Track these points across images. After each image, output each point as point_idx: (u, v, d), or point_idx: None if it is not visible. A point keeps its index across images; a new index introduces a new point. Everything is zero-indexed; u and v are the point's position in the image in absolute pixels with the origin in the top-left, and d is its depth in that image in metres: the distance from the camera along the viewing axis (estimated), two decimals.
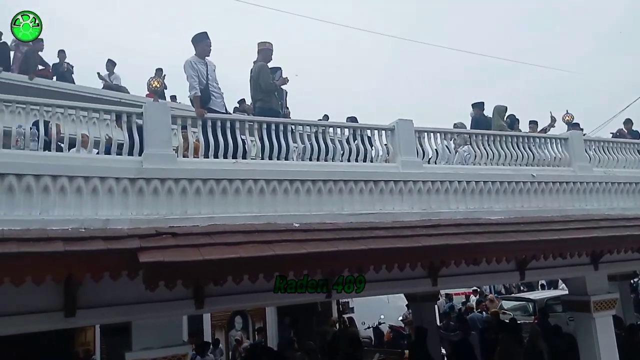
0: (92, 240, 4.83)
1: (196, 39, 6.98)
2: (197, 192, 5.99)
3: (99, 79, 12.26)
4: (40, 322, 5.24)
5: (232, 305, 6.88)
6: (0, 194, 5.05)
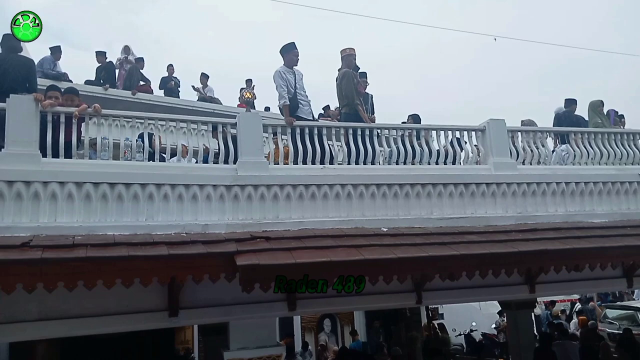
0: (193, 244, 5.13)
1: (285, 50, 7.21)
2: (287, 198, 6.17)
3: (194, 92, 13.01)
4: (147, 321, 5.65)
5: (322, 308, 7.00)
6: (111, 201, 5.49)
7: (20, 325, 5.15)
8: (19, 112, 5.35)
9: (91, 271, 4.57)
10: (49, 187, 5.22)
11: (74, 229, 5.18)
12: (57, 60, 10.74)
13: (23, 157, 5.21)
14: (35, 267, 4.46)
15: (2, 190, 5.05)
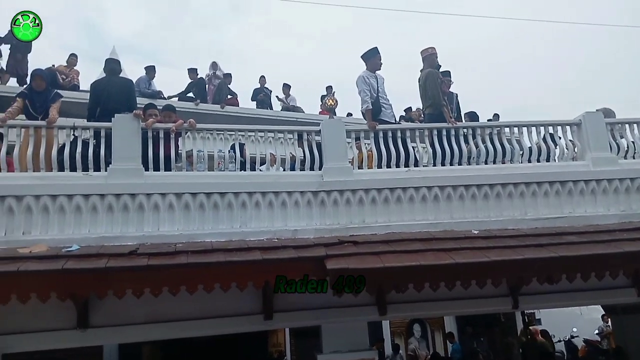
0: (285, 249, 5.29)
1: (367, 55, 7.26)
2: (373, 202, 6.18)
3: (277, 101, 13.41)
4: (243, 324, 5.88)
5: (413, 312, 6.92)
6: (208, 210, 5.80)
7: (130, 327, 5.56)
8: (123, 130, 5.80)
9: (192, 276, 4.85)
10: (151, 198, 5.61)
11: (175, 237, 5.52)
12: (151, 79, 11.52)
13: (128, 171, 5.65)
14: (142, 274, 4.81)
15: (111, 203, 5.50)
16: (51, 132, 5.81)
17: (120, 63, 7.14)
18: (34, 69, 6.50)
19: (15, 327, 5.13)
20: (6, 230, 5.20)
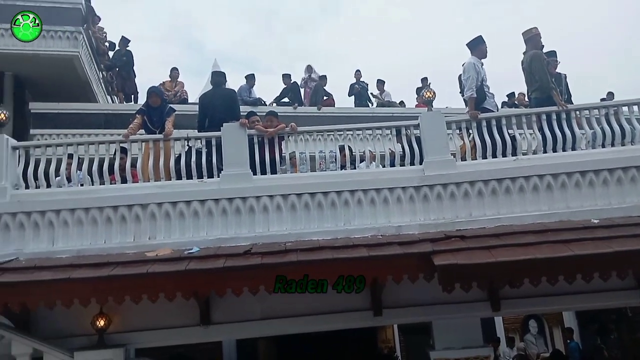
0: (390, 246, 5.30)
1: (473, 43, 7.09)
2: (479, 194, 5.99)
3: (372, 98, 13.40)
4: (353, 320, 5.98)
5: (529, 308, 6.60)
6: (313, 209, 5.96)
7: (247, 324, 5.89)
8: (231, 138, 6.14)
9: (304, 273, 5.01)
10: (261, 201, 5.88)
11: (284, 236, 5.75)
12: (251, 87, 12.05)
13: (238, 176, 5.97)
14: (256, 272, 5.07)
15: (224, 207, 5.84)
16: (168, 144, 6.30)
17: (224, 75, 7.54)
18: (150, 87, 7.08)
19: (146, 324, 5.63)
20: (134, 236, 5.72)
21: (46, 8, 10.05)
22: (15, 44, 9.63)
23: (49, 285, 4.84)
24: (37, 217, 5.59)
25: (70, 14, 10.15)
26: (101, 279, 4.88)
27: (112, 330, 5.46)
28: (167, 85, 11.81)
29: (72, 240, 5.57)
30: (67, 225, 5.61)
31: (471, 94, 6.74)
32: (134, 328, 5.59)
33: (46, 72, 10.25)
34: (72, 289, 4.87)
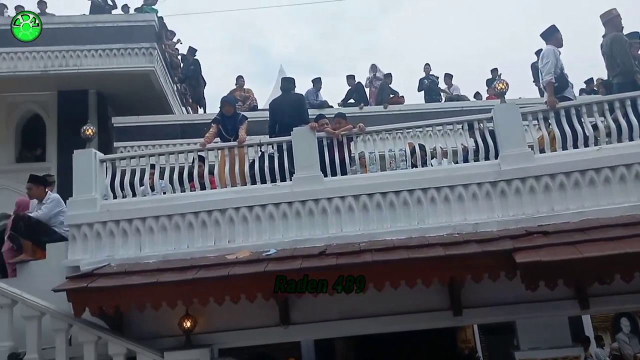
0: (467, 244, 5.17)
1: (548, 33, 6.88)
2: (561, 187, 5.72)
3: (440, 93, 13.13)
4: (432, 320, 5.89)
5: (621, 306, 6.22)
6: (385, 209, 5.93)
7: (325, 324, 5.94)
8: (301, 141, 6.24)
9: (379, 274, 5.02)
10: (333, 202, 5.93)
11: (358, 236, 5.76)
12: (318, 91, 12.16)
13: (310, 179, 6.05)
14: (334, 272, 5.12)
15: (298, 209, 5.95)
16: (242, 151, 6.51)
17: (293, 80, 7.68)
18: (223, 97, 7.36)
19: (230, 325, 5.82)
20: (215, 240, 5.95)
21: (122, 27, 10.73)
22: (97, 63, 10.37)
23: (139, 289, 5.15)
24: (125, 225, 5.95)
25: (144, 31, 10.74)
26: (186, 281, 5.12)
27: (197, 331, 5.69)
28: (236, 94, 12.18)
29: (158, 246, 5.88)
30: (152, 232, 5.93)
31: (550, 78, 6.45)
32: (218, 329, 5.79)
33: (125, 88, 10.89)
34: (160, 292, 5.15)
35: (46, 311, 5.36)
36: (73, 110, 10.73)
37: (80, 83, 10.65)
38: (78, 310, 5.12)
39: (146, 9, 12.02)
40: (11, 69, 10.22)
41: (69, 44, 10.33)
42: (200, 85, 13.18)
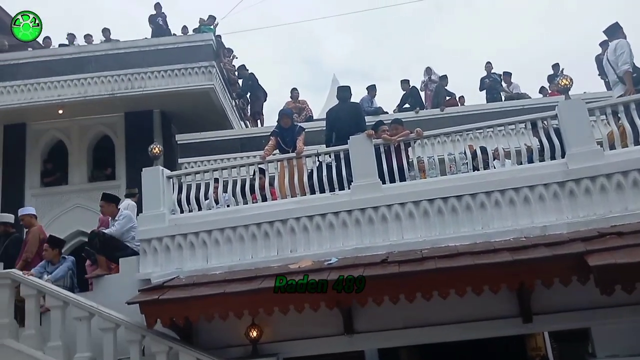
0: (536, 248, 4.99)
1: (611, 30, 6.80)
2: (635, 185, 5.48)
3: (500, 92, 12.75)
4: (500, 328, 5.69)
5: None
6: (447, 214, 5.82)
7: (389, 333, 5.88)
8: (358, 150, 6.25)
9: (444, 281, 4.93)
10: (392, 209, 5.89)
11: (420, 243, 5.69)
12: (373, 97, 12.14)
13: (368, 187, 6.04)
14: (395, 281, 5.08)
15: (358, 217, 5.95)
16: (300, 162, 6.60)
17: (348, 89, 7.69)
18: (280, 109, 7.53)
19: (294, 334, 5.88)
20: (277, 250, 6.05)
21: (182, 48, 11.21)
22: (160, 84, 10.87)
23: (207, 299, 5.30)
24: (192, 238, 6.17)
25: (203, 51, 11.17)
26: (251, 291, 5.23)
27: (263, 340, 5.80)
28: (291, 106, 12.38)
29: (223, 257, 6.05)
30: (218, 244, 6.12)
31: (628, 67, 6.25)
32: (284, 338, 5.87)
33: (187, 106, 11.35)
34: (227, 302, 5.29)
35: (121, 323, 5.62)
36: (139, 130, 11.31)
37: (145, 104, 11.22)
38: (150, 322, 5.34)
39: (203, 29, 12.48)
40: (82, 94, 10.90)
41: (133, 67, 10.92)
42: (259, 99, 13.50)
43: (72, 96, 10.88)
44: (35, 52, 11.74)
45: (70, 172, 11.58)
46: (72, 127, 11.72)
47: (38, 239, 6.66)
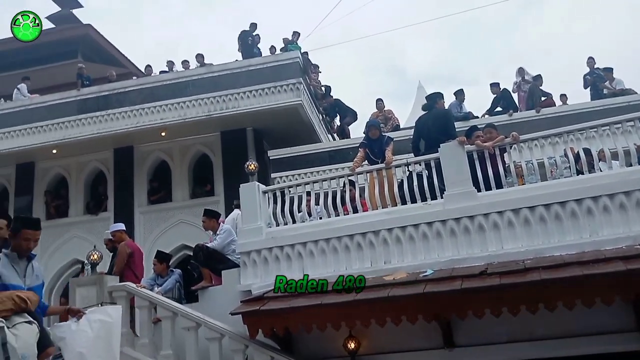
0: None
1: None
2: None
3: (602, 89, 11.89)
4: (612, 343, 5.25)
5: None
6: (549, 222, 5.52)
7: (492, 347, 5.62)
8: (449, 157, 6.12)
9: (550, 294, 4.68)
10: (489, 218, 5.69)
11: (521, 253, 5.44)
12: (461, 102, 11.81)
13: (462, 195, 5.88)
14: (497, 293, 4.90)
15: (452, 227, 5.81)
16: (390, 172, 6.58)
17: (435, 96, 7.56)
18: (368, 121, 7.57)
19: (392, 346, 5.81)
20: (371, 261, 6.06)
21: (271, 67, 11.63)
22: (252, 103, 11.36)
23: (305, 310, 5.43)
24: (288, 250, 6.34)
25: (290, 68, 11.51)
26: (347, 303, 5.28)
27: (361, 352, 5.79)
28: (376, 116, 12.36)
29: (318, 269, 6.15)
30: (313, 255, 6.24)
31: None
32: (382, 350, 5.82)
33: (277, 122, 11.73)
34: (324, 314, 5.37)
35: (225, 333, 5.87)
36: (234, 147, 11.87)
37: (238, 122, 11.77)
38: (252, 332, 5.56)
39: (290, 47, 12.87)
40: (182, 116, 11.64)
41: (227, 88, 11.50)
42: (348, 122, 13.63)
43: (173, 119, 11.64)
44: (140, 80, 12.78)
45: (173, 190, 12.36)
46: (173, 147, 12.53)
47: (125, 253, 6.96)
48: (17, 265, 3.70)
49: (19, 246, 3.71)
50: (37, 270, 3.88)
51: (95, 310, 4.38)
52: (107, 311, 4.46)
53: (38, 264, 4.04)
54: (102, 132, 11.86)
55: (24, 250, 3.73)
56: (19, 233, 3.72)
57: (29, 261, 3.82)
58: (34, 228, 3.82)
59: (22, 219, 4.08)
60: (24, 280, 3.66)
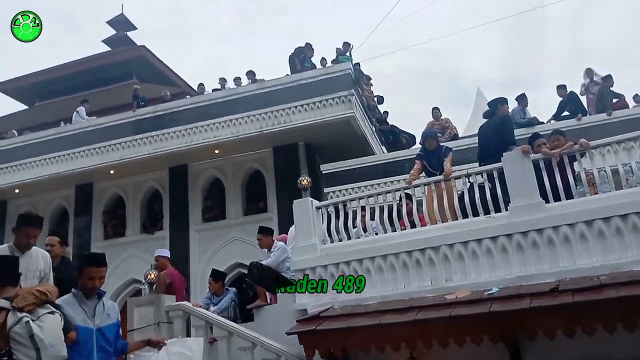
0: None
1: None
2: None
3: None
4: None
5: None
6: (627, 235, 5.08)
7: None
8: (513, 167, 5.77)
9: (629, 311, 4.26)
10: (559, 230, 5.31)
11: (596, 269, 5.04)
12: (524, 107, 11.21)
13: (528, 207, 5.51)
14: (569, 312, 4.53)
15: (519, 241, 5.45)
16: (449, 184, 6.27)
17: (496, 102, 7.17)
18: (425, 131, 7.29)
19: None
20: (431, 279, 5.77)
21: (321, 81, 11.53)
22: (303, 117, 11.27)
23: (363, 330, 5.23)
24: (343, 267, 6.16)
25: (342, 80, 11.37)
26: (408, 323, 5.04)
27: None
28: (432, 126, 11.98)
29: (376, 287, 5.93)
30: (369, 273, 6.02)
31: None
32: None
33: (330, 136, 11.59)
34: (383, 334, 5.15)
35: (282, 354, 5.74)
36: (286, 163, 11.83)
37: (290, 137, 11.71)
38: (309, 353, 5.39)
39: (341, 59, 12.76)
40: (234, 133, 11.73)
41: (278, 103, 11.48)
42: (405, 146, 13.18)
43: (226, 136, 11.74)
44: (193, 99, 12.98)
45: (227, 207, 12.43)
46: (226, 164, 12.63)
47: (165, 283, 6.80)
48: (85, 305, 3.59)
49: (84, 285, 3.60)
50: (108, 308, 3.73)
51: (176, 342, 4.23)
52: (187, 343, 4.29)
53: (112, 302, 3.93)
54: (157, 151, 12.12)
55: (89, 289, 3.60)
56: (82, 272, 3.61)
57: (99, 299, 3.68)
58: (97, 265, 3.66)
59: (85, 257, 3.90)
60: (93, 320, 3.55)
